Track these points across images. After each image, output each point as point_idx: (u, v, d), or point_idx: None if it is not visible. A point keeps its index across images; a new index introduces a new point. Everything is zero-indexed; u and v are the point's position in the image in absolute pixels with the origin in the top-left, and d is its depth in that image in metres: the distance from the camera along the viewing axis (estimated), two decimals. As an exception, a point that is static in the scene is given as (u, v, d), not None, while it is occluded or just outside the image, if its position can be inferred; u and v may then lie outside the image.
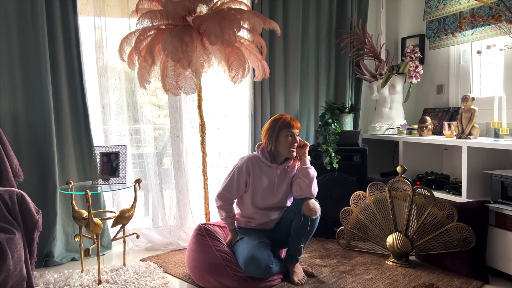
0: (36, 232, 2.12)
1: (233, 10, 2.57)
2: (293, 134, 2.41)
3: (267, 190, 2.44)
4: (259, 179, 2.42)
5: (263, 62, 2.80)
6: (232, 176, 2.44)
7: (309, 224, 2.33)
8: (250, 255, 2.24)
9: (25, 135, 2.71)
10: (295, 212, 2.38)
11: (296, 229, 2.36)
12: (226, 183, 2.45)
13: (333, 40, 3.52)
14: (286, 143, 2.40)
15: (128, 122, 3.08)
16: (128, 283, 2.34)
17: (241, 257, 2.29)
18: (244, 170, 2.42)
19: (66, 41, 2.79)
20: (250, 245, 2.30)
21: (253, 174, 2.42)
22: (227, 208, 2.45)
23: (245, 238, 2.38)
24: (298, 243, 2.38)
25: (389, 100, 3.47)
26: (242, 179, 2.42)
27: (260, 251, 2.27)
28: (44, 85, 2.70)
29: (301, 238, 2.36)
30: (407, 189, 2.64)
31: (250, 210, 2.47)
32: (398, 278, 2.43)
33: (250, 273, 2.24)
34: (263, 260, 2.24)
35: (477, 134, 2.70)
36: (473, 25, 2.95)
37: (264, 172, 2.44)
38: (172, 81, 2.55)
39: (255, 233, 2.43)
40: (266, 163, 2.44)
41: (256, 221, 2.48)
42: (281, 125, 2.40)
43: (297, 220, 2.35)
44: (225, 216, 2.46)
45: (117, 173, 2.57)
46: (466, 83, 3.23)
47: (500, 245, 2.38)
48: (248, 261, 2.23)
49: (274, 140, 2.40)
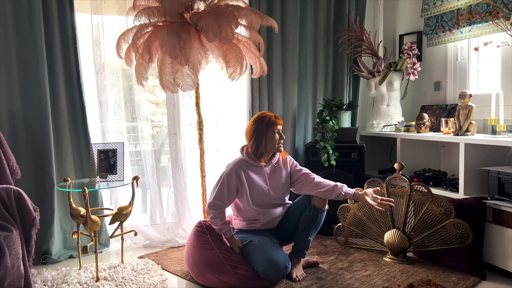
0: (34, 229, 2.12)
1: (230, 7, 2.56)
2: (279, 131, 2.43)
3: (261, 189, 2.43)
4: (252, 180, 2.41)
5: (261, 59, 2.80)
6: (222, 183, 2.38)
7: (319, 216, 2.41)
8: (269, 258, 2.22)
9: (22, 132, 2.70)
10: (305, 205, 2.42)
11: (306, 221, 2.40)
12: (217, 192, 2.38)
13: (331, 37, 3.52)
14: (273, 140, 2.41)
15: (125, 120, 3.08)
16: (126, 281, 2.34)
17: (258, 261, 2.25)
18: (234, 176, 2.38)
19: (63, 38, 2.78)
20: (265, 248, 2.27)
21: (245, 176, 2.40)
22: (220, 216, 2.37)
23: (256, 241, 2.33)
24: (307, 236, 2.43)
25: (387, 97, 3.48)
26: (233, 185, 2.38)
27: (277, 253, 2.26)
28: (41, 82, 2.69)
29: (310, 230, 2.42)
30: (405, 186, 2.65)
31: (252, 211, 2.43)
32: (395, 275, 2.43)
33: (270, 276, 2.24)
34: (282, 262, 2.23)
35: (475, 131, 2.70)
36: (471, 22, 2.95)
37: (255, 172, 2.43)
38: (170, 78, 2.54)
39: (262, 234, 2.41)
40: (253, 163, 2.44)
41: (260, 221, 2.45)
42: (267, 123, 2.41)
43: (307, 212, 2.40)
44: (221, 224, 2.37)
45: (115, 171, 2.57)
46: (464, 80, 3.24)
47: (497, 241, 2.39)
48: (267, 264, 2.21)
49: (263, 139, 2.40)
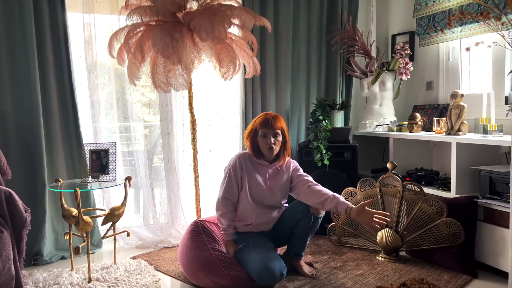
0: (25, 230, 2.09)
1: (223, 7, 2.56)
2: (267, 135, 2.35)
3: (260, 187, 2.41)
4: (253, 175, 2.40)
5: (254, 58, 2.80)
6: (229, 176, 2.37)
7: (317, 223, 2.43)
8: (264, 266, 2.16)
9: (13, 132, 2.67)
10: (303, 213, 2.38)
11: (304, 229, 2.40)
12: (225, 186, 2.36)
13: (324, 37, 3.53)
14: (262, 143, 2.37)
15: (118, 120, 3.06)
16: (119, 281, 2.32)
17: (253, 268, 2.19)
18: (238, 166, 2.38)
19: (55, 37, 2.76)
20: (260, 254, 2.22)
21: (246, 168, 2.39)
22: (229, 216, 2.35)
23: (251, 246, 2.29)
24: (304, 241, 2.45)
25: (380, 97, 3.49)
26: (239, 175, 2.37)
27: (272, 260, 2.20)
28: (32, 82, 2.66)
29: (308, 236, 2.45)
30: (397, 185, 2.66)
31: (249, 207, 2.38)
32: (388, 274, 2.44)
33: (265, 284, 2.20)
34: (277, 269, 2.18)
35: (466, 131, 2.72)
36: (462, 22, 2.97)
37: (256, 169, 2.42)
38: (162, 77, 2.53)
39: (257, 238, 2.37)
40: (257, 160, 2.42)
41: (254, 221, 2.40)
42: (257, 124, 2.39)
43: (306, 221, 2.38)
44: (227, 224, 2.34)
45: (107, 171, 2.55)
46: (455, 80, 3.26)
47: (489, 240, 2.41)
48: (262, 272, 2.15)
49: (253, 139, 2.40)
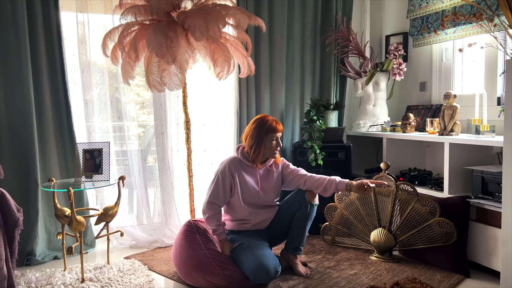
0: (17, 230, 2.07)
1: (218, 6, 2.56)
2: (277, 138, 2.41)
3: (252, 190, 2.42)
4: (244, 180, 2.40)
5: (248, 58, 2.80)
6: (217, 181, 2.37)
7: (313, 211, 2.45)
8: (258, 263, 2.18)
9: (6, 132, 2.65)
10: (300, 202, 2.42)
11: (301, 218, 2.42)
12: (212, 190, 2.37)
13: (318, 37, 3.54)
14: (270, 147, 2.39)
15: (111, 119, 3.04)
16: (112, 281, 2.31)
17: (247, 266, 2.21)
18: (228, 173, 2.37)
19: (48, 36, 2.74)
20: (255, 252, 2.24)
21: (237, 175, 2.39)
22: (216, 217, 2.36)
23: (246, 243, 2.31)
24: (303, 232, 2.46)
25: (373, 97, 3.51)
26: (227, 182, 2.37)
27: (267, 258, 2.22)
28: (25, 81, 2.64)
29: (306, 226, 2.45)
30: (391, 185, 2.67)
31: (244, 211, 2.41)
32: (381, 273, 2.46)
33: (259, 281, 2.21)
34: (272, 267, 2.19)
35: (459, 131, 2.74)
36: (455, 23, 2.99)
37: (247, 172, 2.42)
38: (157, 77, 2.52)
39: (252, 236, 2.39)
40: (247, 164, 2.43)
41: (251, 222, 2.44)
42: (267, 130, 2.37)
43: (303, 209, 2.41)
44: (216, 225, 2.34)
45: (101, 170, 2.54)
46: (448, 80, 3.28)
47: (481, 240, 2.43)
48: (257, 270, 2.17)
49: (262, 146, 2.38)
